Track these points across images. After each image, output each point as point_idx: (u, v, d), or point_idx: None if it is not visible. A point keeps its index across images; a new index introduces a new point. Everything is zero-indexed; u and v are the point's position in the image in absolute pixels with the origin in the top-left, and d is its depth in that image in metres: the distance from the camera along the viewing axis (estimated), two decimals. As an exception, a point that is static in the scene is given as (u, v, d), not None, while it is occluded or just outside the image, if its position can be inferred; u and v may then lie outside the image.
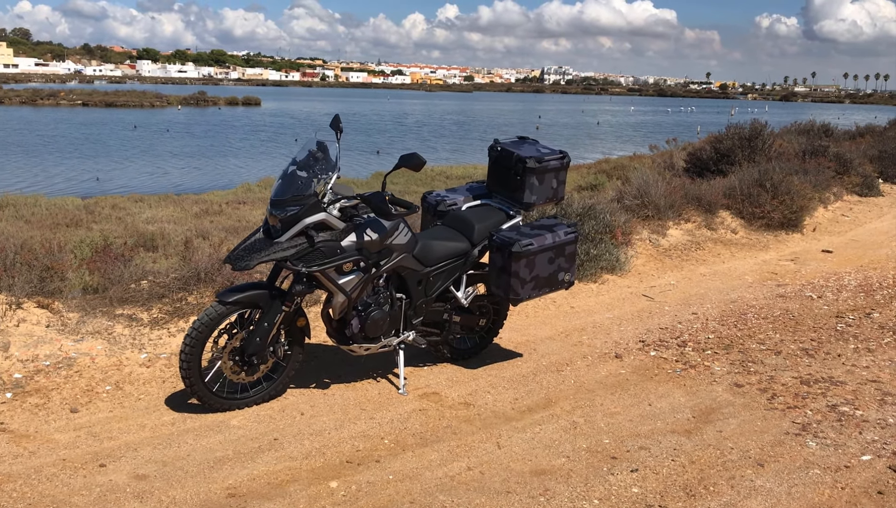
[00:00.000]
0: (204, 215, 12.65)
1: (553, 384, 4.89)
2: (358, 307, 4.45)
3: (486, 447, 4.00)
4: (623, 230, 8.13)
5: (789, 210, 9.74)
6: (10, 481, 3.48)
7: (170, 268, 6.05)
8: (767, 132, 13.51)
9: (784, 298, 6.99)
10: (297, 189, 4.13)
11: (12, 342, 4.79)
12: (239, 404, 4.33)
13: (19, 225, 11.06)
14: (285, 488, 3.53)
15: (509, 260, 4.61)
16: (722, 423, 4.33)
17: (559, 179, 5.04)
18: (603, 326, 6.11)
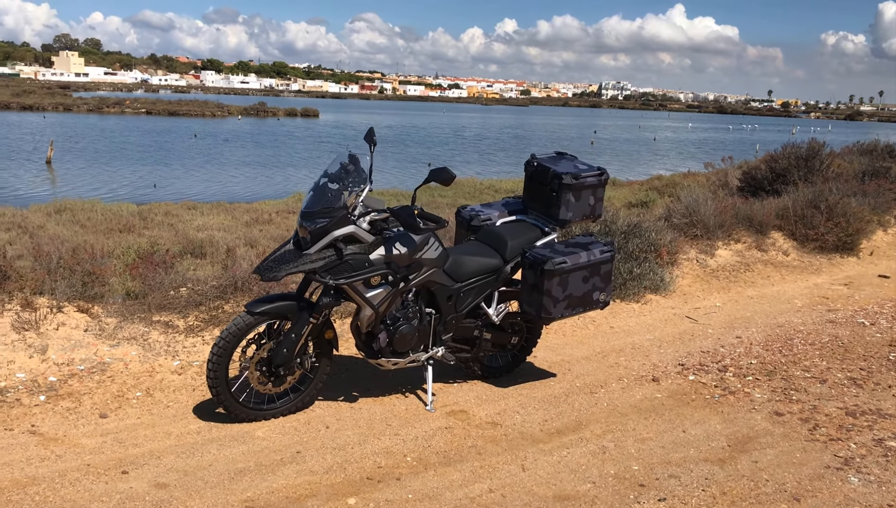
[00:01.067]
0: (254, 224, 12.81)
1: (585, 406, 4.78)
2: (386, 321, 4.42)
3: (510, 468, 3.91)
4: (669, 249, 7.95)
5: (845, 233, 9.41)
6: (35, 484, 3.52)
7: (209, 276, 6.11)
8: (826, 152, 13.12)
9: (834, 324, 6.74)
10: (328, 201, 4.12)
11: (50, 345, 4.88)
12: (265, 414, 4.32)
13: (74, 229, 11.35)
14: (303, 503, 3.50)
15: (542, 278, 4.52)
16: (758, 453, 4.17)
17: (597, 196, 4.94)
18: (642, 347, 5.97)
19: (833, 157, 13.90)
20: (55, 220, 12.17)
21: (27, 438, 3.96)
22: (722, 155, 20.29)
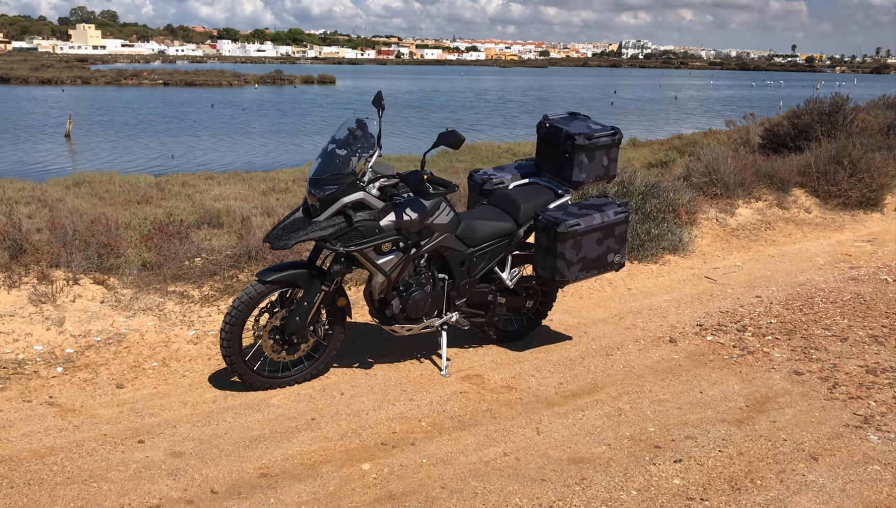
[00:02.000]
0: (270, 193, 12.82)
1: (601, 368, 4.75)
2: (399, 288, 4.40)
3: (524, 432, 3.90)
4: (688, 209, 7.85)
5: (868, 188, 9.24)
6: (53, 454, 3.56)
7: (224, 245, 6.12)
8: (850, 106, 12.85)
9: (856, 281, 6.63)
10: (336, 168, 4.08)
11: (67, 317, 4.91)
12: (280, 382, 4.34)
13: (93, 202, 11.42)
14: (317, 469, 3.51)
15: (555, 241, 4.47)
16: (776, 413, 4.12)
17: (610, 156, 4.85)
18: (660, 309, 5.91)
19: (857, 111, 13.62)
20: (74, 193, 12.25)
21: (45, 409, 4.00)
22: (744, 112, 19.96)
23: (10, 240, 5.40)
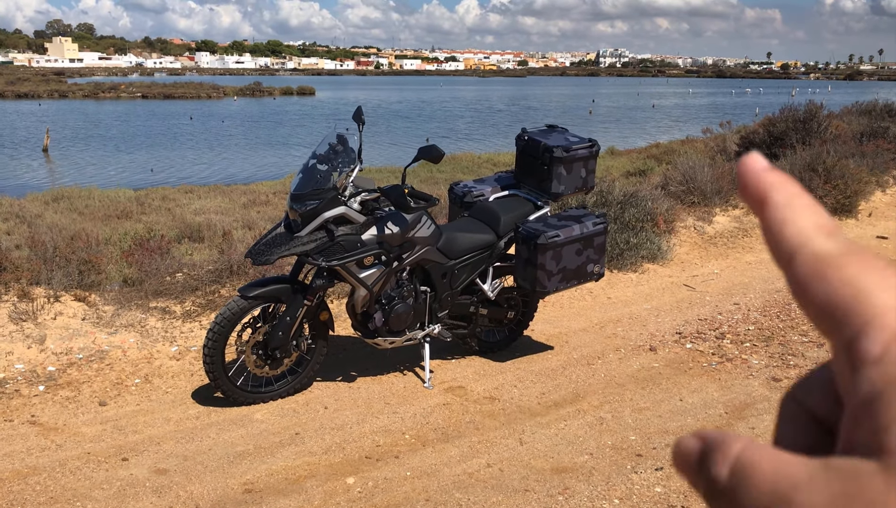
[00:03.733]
0: (251, 206, 12.79)
1: (582, 378, 4.80)
2: (381, 301, 4.43)
3: (507, 443, 3.94)
4: (666, 218, 7.93)
5: (843, 195, 9.38)
6: (36, 473, 3.55)
7: (205, 260, 6.12)
8: (824, 113, 13.05)
9: (832, 287, 6.73)
10: (317, 183, 4.11)
11: (48, 335, 4.90)
12: (263, 397, 4.35)
13: (72, 217, 11.34)
14: (302, 483, 3.53)
15: (535, 252, 4.52)
16: (755, 419, 4.19)
17: (588, 167, 4.92)
18: (640, 317, 5.98)
19: (831, 118, 13.83)
20: (53, 208, 12.16)
21: (27, 428, 3.99)
22: (723, 120, 20.17)
23: (-11, 258, 5.37)
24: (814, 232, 0.30)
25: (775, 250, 0.31)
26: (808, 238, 0.30)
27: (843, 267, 0.29)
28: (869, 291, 0.28)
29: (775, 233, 0.31)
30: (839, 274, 0.29)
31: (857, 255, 0.29)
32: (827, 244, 0.30)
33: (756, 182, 0.32)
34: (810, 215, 0.31)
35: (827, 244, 0.30)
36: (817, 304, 0.29)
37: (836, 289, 0.28)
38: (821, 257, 0.29)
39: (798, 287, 0.29)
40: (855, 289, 0.28)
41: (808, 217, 0.31)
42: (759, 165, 0.32)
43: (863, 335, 0.27)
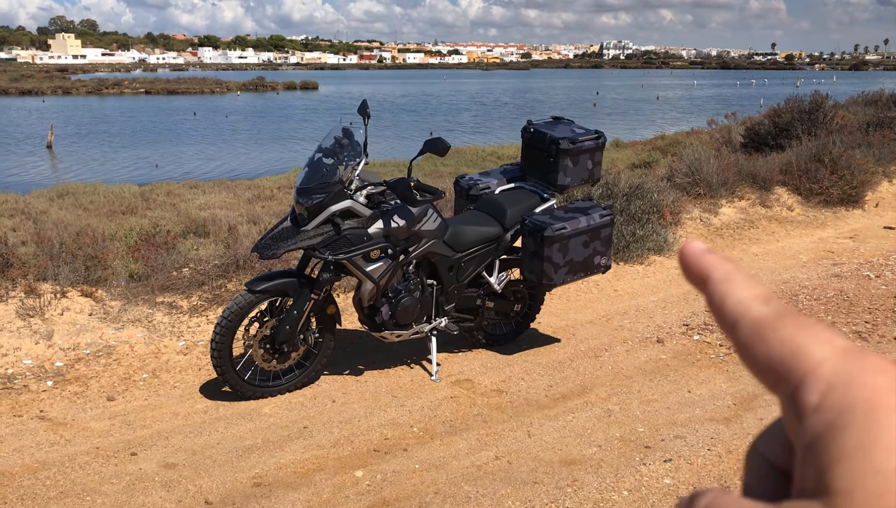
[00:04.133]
0: (256, 201, 12.80)
1: (590, 370, 4.79)
2: (388, 294, 4.42)
3: (515, 435, 3.94)
4: (672, 210, 7.91)
5: (849, 185, 9.34)
6: (45, 469, 3.56)
7: (211, 255, 6.12)
8: (829, 104, 12.99)
9: (839, 277, 6.71)
10: (323, 177, 4.11)
11: (56, 330, 4.91)
12: (271, 391, 4.35)
13: (77, 213, 11.37)
14: (311, 477, 3.53)
15: (542, 244, 4.51)
16: (764, 411, 4.18)
17: (595, 159, 4.90)
18: (646, 309, 5.96)
19: (837, 109, 13.77)
20: (58, 204, 12.18)
21: (36, 424, 4.00)
22: (730, 112, 20.09)
23: (-4, 254, 5.38)
24: (751, 301, 0.34)
25: (720, 320, 0.34)
26: (746, 307, 0.33)
27: (779, 328, 0.32)
28: (803, 347, 0.31)
29: (718, 306, 0.34)
30: (776, 335, 0.32)
31: (790, 316, 0.33)
32: (763, 310, 0.33)
33: (697, 264, 0.36)
34: (746, 287, 0.34)
35: (763, 310, 0.33)
36: (761, 363, 0.32)
37: (775, 348, 0.32)
38: (759, 322, 0.33)
39: (743, 350, 0.33)
40: (791, 346, 0.31)
41: (745, 289, 0.34)
42: (699, 248, 0.36)
43: (802, 387, 0.31)
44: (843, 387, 0.30)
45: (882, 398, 0.29)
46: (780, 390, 0.32)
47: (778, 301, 0.34)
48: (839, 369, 0.30)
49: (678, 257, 0.37)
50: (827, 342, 0.31)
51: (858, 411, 0.29)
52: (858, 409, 0.29)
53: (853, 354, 0.31)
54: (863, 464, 0.28)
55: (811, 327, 0.32)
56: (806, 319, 0.32)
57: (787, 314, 0.33)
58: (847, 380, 0.30)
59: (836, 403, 0.29)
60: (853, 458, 0.28)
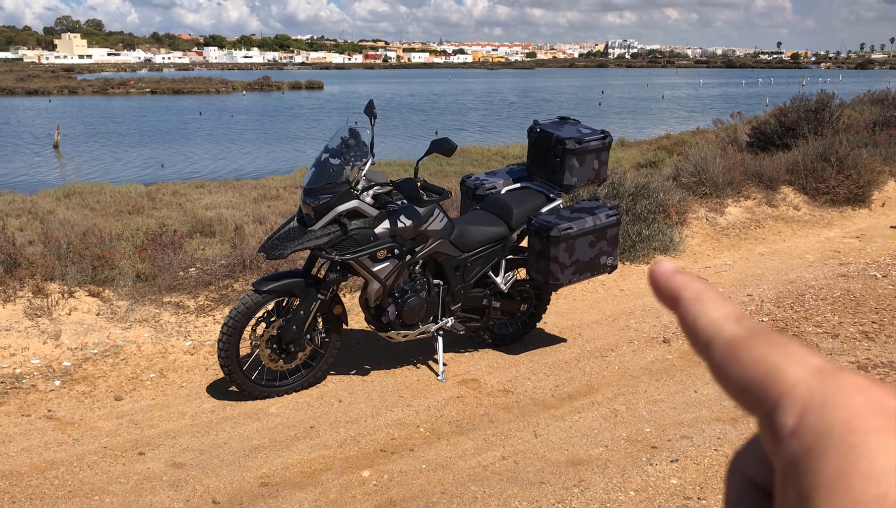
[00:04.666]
0: (262, 200, 12.82)
1: (596, 370, 4.79)
2: (394, 294, 4.43)
3: (522, 435, 3.94)
4: (678, 209, 7.90)
5: (856, 185, 9.32)
6: (53, 468, 3.58)
7: (218, 255, 6.14)
8: (835, 103, 12.96)
9: (846, 277, 6.70)
10: (330, 177, 4.12)
11: (63, 330, 4.92)
12: (278, 391, 4.36)
13: (84, 213, 11.40)
14: (318, 477, 3.54)
15: (548, 244, 4.51)
16: (770, 411, 4.17)
17: (601, 159, 4.90)
18: (653, 309, 5.96)
19: (843, 108, 13.75)
20: (64, 204, 12.22)
21: (44, 423, 4.01)
22: (736, 111, 20.04)
23: (3, 254, 5.41)
24: (723, 320, 0.33)
25: (693, 341, 0.33)
26: (719, 327, 0.33)
27: (753, 348, 0.31)
28: (778, 367, 0.30)
29: (691, 326, 0.33)
30: (750, 355, 0.31)
31: (763, 335, 0.32)
32: (736, 329, 0.32)
33: (668, 284, 0.35)
34: (718, 307, 0.34)
35: (736, 329, 0.32)
36: (736, 385, 0.31)
37: (750, 369, 0.31)
38: (732, 342, 0.32)
39: (717, 372, 0.32)
40: (765, 367, 0.30)
41: (717, 308, 0.33)
42: (668, 269, 0.36)
43: (778, 409, 0.29)
44: (819, 409, 0.29)
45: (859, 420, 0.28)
46: (757, 411, 0.31)
47: (751, 320, 0.33)
48: (815, 390, 0.29)
49: (648, 279, 0.36)
50: (801, 361, 0.31)
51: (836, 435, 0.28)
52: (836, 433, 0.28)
53: (828, 373, 0.30)
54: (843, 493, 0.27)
55: (785, 346, 0.31)
56: (780, 337, 0.32)
57: (761, 333, 0.32)
58: (823, 402, 0.29)
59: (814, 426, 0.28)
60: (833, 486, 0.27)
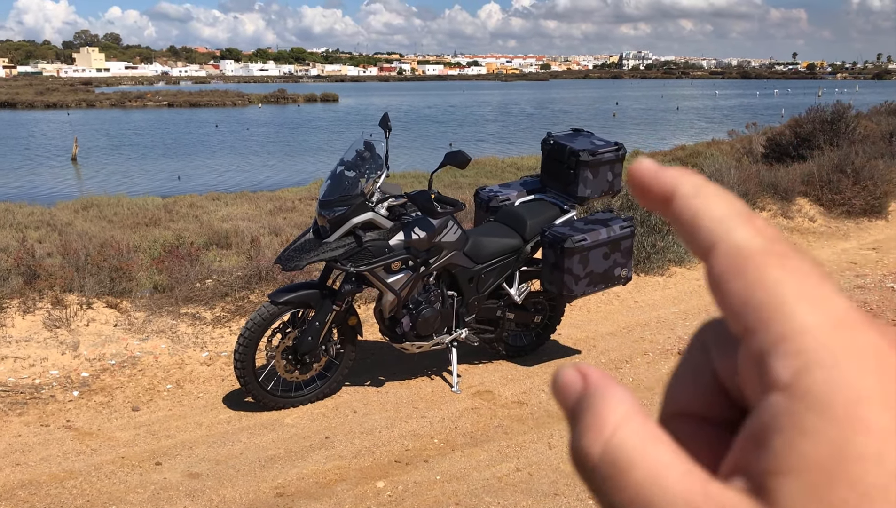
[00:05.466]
0: (277, 212, 12.90)
1: (610, 381, 4.78)
2: (409, 306, 4.45)
3: (536, 447, 3.94)
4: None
5: (872, 196, 9.27)
6: (72, 477, 3.61)
7: (234, 267, 6.19)
8: (852, 114, 12.90)
9: (862, 289, 6.66)
10: (345, 189, 4.16)
11: (81, 341, 4.98)
12: (293, 402, 4.39)
13: (101, 225, 11.51)
14: (333, 487, 3.56)
15: (562, 256, 4.52)
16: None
17: (615, 171, 4.91)
18: (667, 321, 5.95)
19: (860, 118, 13.68)
20: (82, 216, 12.34)
21: (63, 433, 4.06)
22: (754, 122, 19.97)
23: (23, 266, 5.48)
24: (732, 220, 0.27)
25: (692, 243, 0.28)
26: (726, 229, 0.27)
27: (766, 267, 0.26)
28: (789, 301, 0.25)
29: (689, 226, 0.28)
30: (760, 275, 0.26)
31: (781, 254, 0.26)
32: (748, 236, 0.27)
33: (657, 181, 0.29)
34: (724, 202, 0.28)
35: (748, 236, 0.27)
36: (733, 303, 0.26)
37: (755, 292, 0.25)
38: (742, 252, 0.26)
39: (715, 281, 0.27)
40: (774, 296, 0.25)
41: (722, 205, 0.28)
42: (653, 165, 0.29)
43: (774, 353, 0.25)
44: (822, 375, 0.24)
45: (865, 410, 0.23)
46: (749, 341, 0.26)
47: (762, 222, 0.27)
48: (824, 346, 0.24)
49: (628, 180, 0.30)
50: (821, 302, 0.25)
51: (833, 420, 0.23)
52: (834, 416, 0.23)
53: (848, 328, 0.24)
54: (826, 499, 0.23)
55: (806, 275, 0.26)
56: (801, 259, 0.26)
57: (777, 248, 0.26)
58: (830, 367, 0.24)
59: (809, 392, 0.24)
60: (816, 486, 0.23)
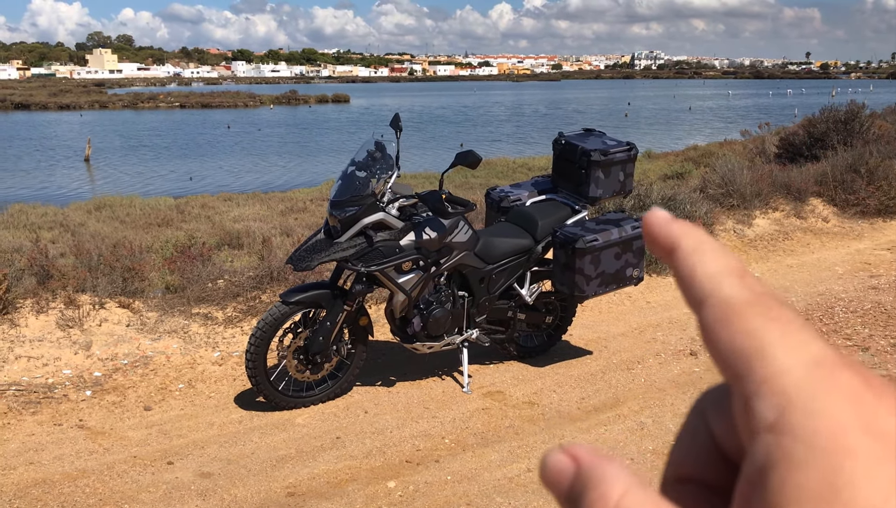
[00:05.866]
0: (289, 213, 12.94)
1: (622, 383, 4.77)
2: (420, 306, 4.45)
3: (547, 447, 3.92)
4: (705, 221, 7.86)
5: (886, 196, 9.20)
6: (84, 476, 3.63)
7: (246, 267, 6.21)
8: (866, 114, 12.82)
9: (876, 290, 6.62)
10: (356, 190, 4.16)
11: (94, 341, 5.00)
12: (304, 402, 4.40)
13: (114, 225, 11.58)
14: (344, 487, 3.56)
15: (573, 256, 4.51)
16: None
17: (626, 171, 4.90)
18: (679, 321, 5.93)
19: (874, 118, 13.59)
20: (95, 217, 12.41)
21: (76, 432, 4.08)
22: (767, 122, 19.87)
23: (37, 266, 5.51)
24: (723, 276, 0.29)
25: (687, 296, 0.30)
26: (716, 284, 0.29)
27: (749, 317, 0.28)
28: (770, 346, 0.27)
29: (687, 279, 0.30)
30: (744, 324, 0.28)
31: (763, 304, 0.28)
32: (735, 290, 0.29)
33: (664, 233, 0.31)
34: (719, 259, 0.30)
35: (735, 290, 0.29)
36: (722, 352, 0.28)
37: (740, 340, 0.27)
38: (728, 304, 0.28)
39: (706, 333, 0.29)
40: (757, 342, 0.27)
41: (717, 261, 0.30)
42: (664, 217, 0.32)
43: (759, 395, 0.26)
44: (803, 410, 0.26)
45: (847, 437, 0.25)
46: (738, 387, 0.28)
47: (754, 279, 0.29)
48: (803, 385, 0.26)
49: (642, 227, 0.32)
50: (798, 346, 0.27)
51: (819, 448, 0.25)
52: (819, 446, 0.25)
53: (825, 367, 0.26)
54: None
55: (785, 322, 0.28)
56: (782, 310, 0.28)
57: (761, 300, 0.28)
58: (809, 402, 0.26)
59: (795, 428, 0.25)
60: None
